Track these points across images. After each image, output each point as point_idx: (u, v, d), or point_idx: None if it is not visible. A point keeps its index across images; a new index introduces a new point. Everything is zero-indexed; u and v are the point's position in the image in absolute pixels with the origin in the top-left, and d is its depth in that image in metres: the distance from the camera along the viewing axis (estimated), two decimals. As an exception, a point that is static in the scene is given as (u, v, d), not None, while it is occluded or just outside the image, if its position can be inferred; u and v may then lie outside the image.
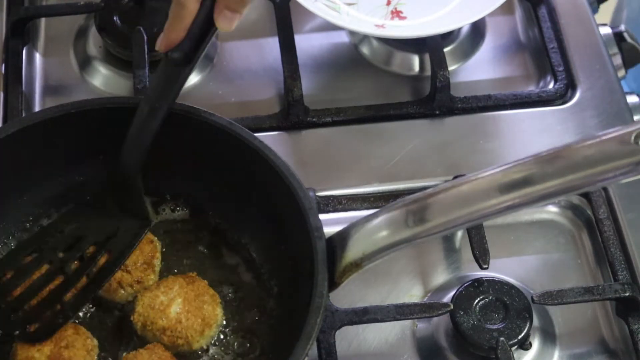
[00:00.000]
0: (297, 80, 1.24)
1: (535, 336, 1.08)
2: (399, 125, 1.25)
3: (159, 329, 1.01)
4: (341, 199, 1.17)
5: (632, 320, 1.08)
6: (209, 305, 1.02)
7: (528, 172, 0.83)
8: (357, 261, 0.93)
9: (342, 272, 0.94)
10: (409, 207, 0.89)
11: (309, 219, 0.97)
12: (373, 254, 0.92)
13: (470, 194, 0.86)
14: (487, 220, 0.87)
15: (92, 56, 1.31)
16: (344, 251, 0.94)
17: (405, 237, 0.90)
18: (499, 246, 1.14)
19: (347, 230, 0.95)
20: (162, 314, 1.01)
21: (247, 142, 1.03)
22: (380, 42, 1.33)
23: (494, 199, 0.84)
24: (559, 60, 1.29)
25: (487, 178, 0.85)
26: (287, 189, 1.00)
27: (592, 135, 0.81)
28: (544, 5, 1.34)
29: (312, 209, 0.98)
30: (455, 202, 0.87)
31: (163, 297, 1.02)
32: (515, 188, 0.83)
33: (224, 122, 1.04)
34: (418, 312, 1.06)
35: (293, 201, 0.98)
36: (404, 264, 1.15)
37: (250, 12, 1.36)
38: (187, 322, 1.01)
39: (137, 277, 1.05)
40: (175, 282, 1.03)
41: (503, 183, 0.84)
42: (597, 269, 1.15)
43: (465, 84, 1.30)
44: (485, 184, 0.85)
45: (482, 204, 0.85)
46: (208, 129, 1.04)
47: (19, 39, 1.30)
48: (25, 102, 1.26)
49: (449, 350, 1.08)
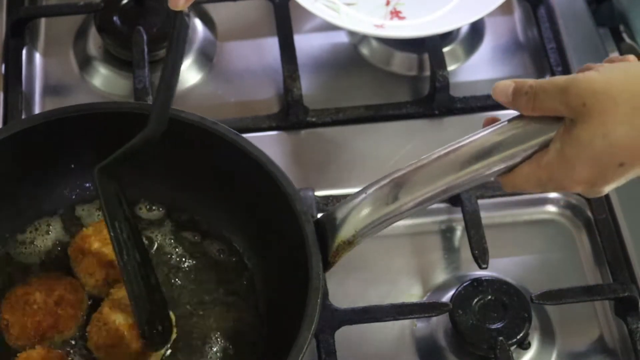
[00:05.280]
0: (296, 80, 1.24)
1: (534, 336, 1.08)
2: (398, 125, 1.25)
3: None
4: (340, 199, 1.17)
5: (630, 320, 1.08)
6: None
7: (481, 147, 0.90)
8: (349, 239, 0.95)
9: (335, 251, 0.95)
10: (390, 182, 0.94)
11: (295, 204, 0.98)
12: (364, 229, 0.94)
13: (436, 169, 0.92)
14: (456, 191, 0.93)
15: (92, 56, 1.31)
16: (336, 231, 0.95)
17: (389, 211, 0.93)
18: (498, 246, 1.14)
19: (334, 210, 0.96)
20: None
21: (223, 136, 1.03)
22: (380, 42, 1.33)
23: (454, 173, 0.91)
24: (557, 60, 1.29)
25: (450, 154, 0.91)
26: (269, 177, 1.00)
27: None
28: (542, 5, 1.34)
29: (295, 194, 0.99)
30: (428, 175, 0.92)
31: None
32: (474, 161, 0.90)
33: (194, 118, 1.04)
34: (417, 312, 1.06)
35: (277, 190, 1.00)
36: (403, 263, 1.15)
37: (250, 12, 1.37)
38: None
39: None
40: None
41: (463, 158, 0.91)
42: (596, 268, 1.15)
43: (465, 84, 1.30)
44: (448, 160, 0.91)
45: (447, 177, 0.91)
46: (178, 125, 1.03)
47: (19, 39, 1.30)
48: (25, 102, 1.26)
49: (448, 350, 1.08)
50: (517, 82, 0.90)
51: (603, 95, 0.83)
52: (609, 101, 0.83)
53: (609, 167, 0.85)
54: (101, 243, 1.05)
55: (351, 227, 0.94)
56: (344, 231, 0.95)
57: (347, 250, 0.95)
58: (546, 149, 0.88)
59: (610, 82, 0.84)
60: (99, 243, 1.05)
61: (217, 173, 1.07)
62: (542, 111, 0.88)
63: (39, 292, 1.02)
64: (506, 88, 0.90)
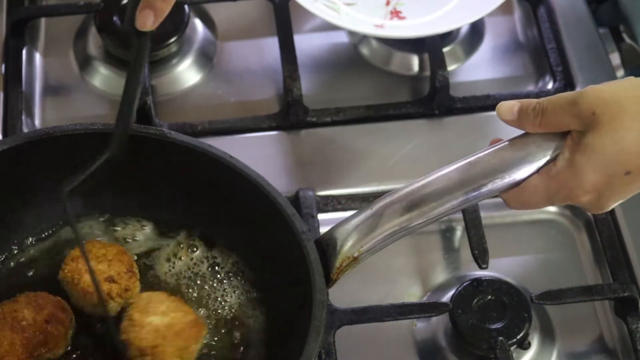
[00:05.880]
0: (296, 80, 1.24)
1: (534, 336, 1.08)
2: (398, 125, 1.25)
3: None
4: (340, 199, 1.18)
5: (630, 319, 1.08)
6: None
7: (488, 164, 0.92)
8: (354, 255, 0.95)
9: (339, 268, 0.95)
10: (397, 199, 0.94)
11: (295, 224, 0.98)
12: (370, 245, 0.94)
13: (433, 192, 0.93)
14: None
15: (92, 56, 1.31)
16: (340, 247, 0.95)
17: (395, 230, 0.94)
18: (498, 246, 1.14)
19: (338, 227, 0.96)
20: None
21: (217, 158, 1.03)
22: (380, 42, 1.33)
23: (461, 191, 0.92)
24: (557, 60, 1.29)
25: (456, 172, 0.93)
26: (266, 198, 1.00)
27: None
28: (542, 5, 1.34)
29: (294, 214, 0.99)
30: (437, 193, 0.93)
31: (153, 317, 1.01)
32: (482, 179, 0.92)
33: (195, 144, 1.04)
34: (417, 312, 1.06)
35: (274, 210, 0.99)
36: (403, 263, 1.15)
37: (250, 12, 1.37)
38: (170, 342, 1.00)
39: (124, 285, 1.03)
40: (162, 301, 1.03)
41: (469, 176, 0.92)
42: (596, 268, 1.15)
43: (465, 84, 1.30)
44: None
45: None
46: (176, 149, 1.04)
47: (19, 39, 1.30)
48: (25, 102, 1.26)
49: (448, 350, 1.08)
50: (522, 101, 0.92)
51: (612, 103, 0.86)
52: (618, 109, 0.86)
53: (616, 174, 0.87)
54: (96, 261, 1.04)
55: (357, 243, 0.94)
56: (349, 247, 0.95)
57: (351, 266, 0.95)
58: (554, 161, 0.90)
59: (618, 91, 0.87)
60: (93, 262, 1.04)
61: (217, 194, 1.06)
62: (550, 127, 0.90)
63: (27, 310, 1.00)
64: (511, 107, 0.92)
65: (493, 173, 0.91)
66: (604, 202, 0.90)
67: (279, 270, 1.03)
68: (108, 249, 1.05)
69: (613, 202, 0.90)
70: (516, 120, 0.92)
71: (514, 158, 0.91)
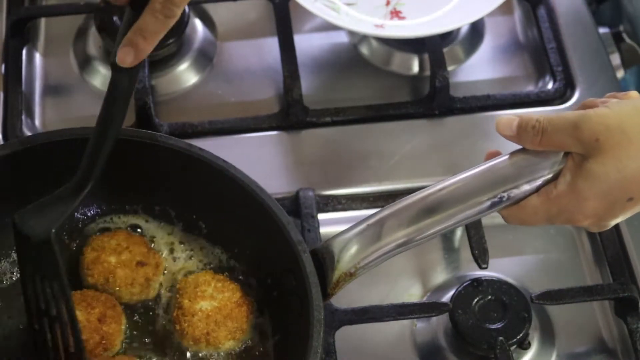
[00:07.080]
0: (296, 80, 1.24)
1: (534, 336, 1.08)
2: (398, 125, 1.25)
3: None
4: (340, 199, 1.18)
5: (630, 319, 1.08)
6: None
7: (487, 179, 0.92)
8: (350, 271, 0.94)
9: (335, 283, 0.95)
10: (395, 213, 0.94)
11: (290, 234, 0.97)
12: (367, 262, 0.94)
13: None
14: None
15: (92, 56, 1.31)
16: (335, 262, 0.94)
17: (394, 245, 0.93)
18: (498, 246, 1.14)
19: (335, 241, 0.95)
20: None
21: (211, 164, 1.02)
22: (380, 42, 1.33)
23: (460, 205, 0.92)
24: (557, 60, 1.29)
25: (456, 185, 0.93)
26: (261, 206, 0.99)
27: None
28: (542, 5, 1.34)
29: (289, 224, 0.98)
30: (436, 207, 0.92)
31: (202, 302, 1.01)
32: (480, 193, 0.92)
33: (187, 147, 1.03)
34: (417, 312, 1.06)
35: (269, 219, 0.99)
36: (403, 263, 1.15)
37: (250, 12, 1.37)
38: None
39: (154, 263, 1.03)
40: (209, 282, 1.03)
41: (468, 190, 0.92)
42: (596, 268, 1.15)
43: (465, 84, 1.30)
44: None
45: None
46: (172, 155, 1.03)
47: (19, 39, 1.30)
48: (25, 102, 1.26)
49: (448, 350, 1.08)
50: (521, 117, 0.91)
51: (617, 131, 0.85)
52: (622, 137, 0.85)
53: (618, 201, 0.87)
54: (116, 253, 1.04)
55: (353, 259, 0.94)
56: (345, 263, 0.94)
57: (348, 281, 0.95)
58: (554, 182, 0.89)
59: (622, 118, 0.86)
60: (113, 255, 1.04)
61: (215, 203, 1.06)
62: (550, 146, 0.89)
63: (79, 311, 0.98)
64: (510, 122, 0.91)
65: (492, 187, 0.91)
66: (605, 225, 0.90)
67: (276, 280, 1.03)
68: (118, 237, 1.06)
69: (614, 223, 0.90)
70: (515, 137, 0.91)
71: (513, 175, 0.91)
